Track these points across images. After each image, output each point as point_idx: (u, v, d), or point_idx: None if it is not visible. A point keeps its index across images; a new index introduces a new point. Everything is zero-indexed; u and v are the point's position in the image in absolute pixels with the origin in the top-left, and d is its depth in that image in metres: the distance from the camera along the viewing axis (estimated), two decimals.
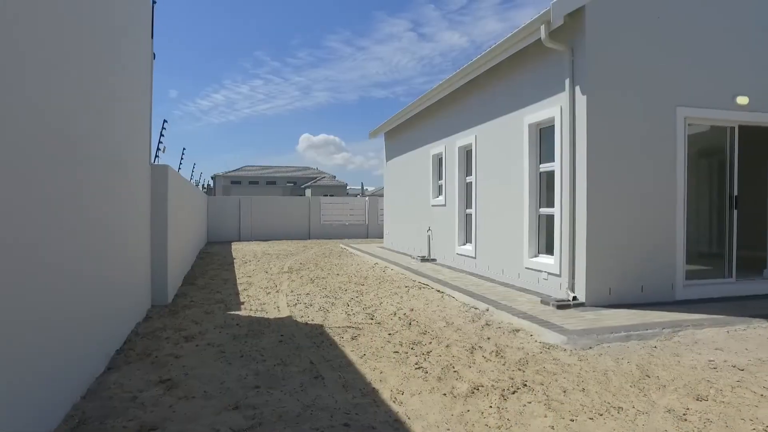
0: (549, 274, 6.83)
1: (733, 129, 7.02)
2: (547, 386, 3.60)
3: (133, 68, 5.62)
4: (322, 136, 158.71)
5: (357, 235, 21.90)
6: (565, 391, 3.51)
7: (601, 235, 6.16)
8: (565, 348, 4.52)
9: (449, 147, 10.54)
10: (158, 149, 13.64)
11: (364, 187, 49.48)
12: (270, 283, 8.74)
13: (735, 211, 7.04)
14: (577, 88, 6.28)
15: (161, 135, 13.71)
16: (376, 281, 8.84)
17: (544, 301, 6.22)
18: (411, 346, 4.72)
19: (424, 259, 11.25)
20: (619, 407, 3.25)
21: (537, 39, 6.39)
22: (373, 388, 3.62)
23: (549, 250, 7.07)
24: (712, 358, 4.25)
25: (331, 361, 4.26)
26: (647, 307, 6.10)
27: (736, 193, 7.03)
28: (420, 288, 8.05)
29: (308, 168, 65.68)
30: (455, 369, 4.01)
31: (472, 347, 4.62)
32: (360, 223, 22.18)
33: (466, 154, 9.94)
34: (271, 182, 60.29)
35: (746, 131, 7.18)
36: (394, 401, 3.39)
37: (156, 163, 8.12)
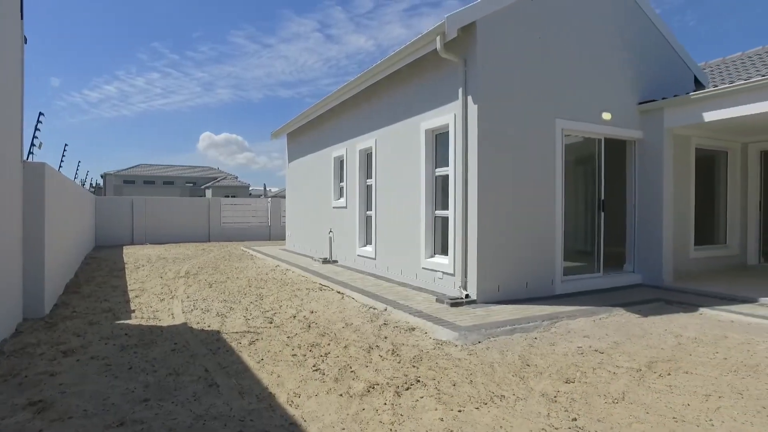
0: (444, 273, 7.20)
1: (600, 140, 7.90)
2: (439, 381, 3.82)
3: None
4: (224, 135, 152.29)
5: (259, 237, 21.38)
6: (455, 384, 3.74)
7: (491, 236, 6.61)
8: (457, 344, 4.81)
9: (350, 150, 10.68)
10: (33, 144, 12.32)
11: (267, 188, 48.36)
12: (164, 289, 8.27)
13: (602, 213, 7.92)
14: (470, 98, 6.68)
15: (36, 129, 12.41)
16: (277, 284, 8.72)
17: (439, 300, 6.54)
18: (309, 348, 4.75)
19: (325, 261, 11.29)
20: (501, 395, 3.54)
21: (433, 49, 6.71)
22: (270, 393, 3.60)
23: (444, 251, 7.45)
24: (580, 345, 4.76)
25: (227, 367, 4.17)
26: (531, 301, 6.66)
27: (603, 197, 7.91)
28: (321, 290, 8.08)
29: (209, 168, 62.70)
30: (352, 369, 4.11)
31: (370, 347, 4.76)
32: (262, 224, 21.67)
33: (367, 157, 10.14)
34: (169, 182, 56.70)
35: (611, 143, 8.12)
36: (290, 404, 3.40)
37: (30, 160, 7.35)
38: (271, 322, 5.82)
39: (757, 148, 9.88)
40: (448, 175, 7.22)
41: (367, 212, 10.10)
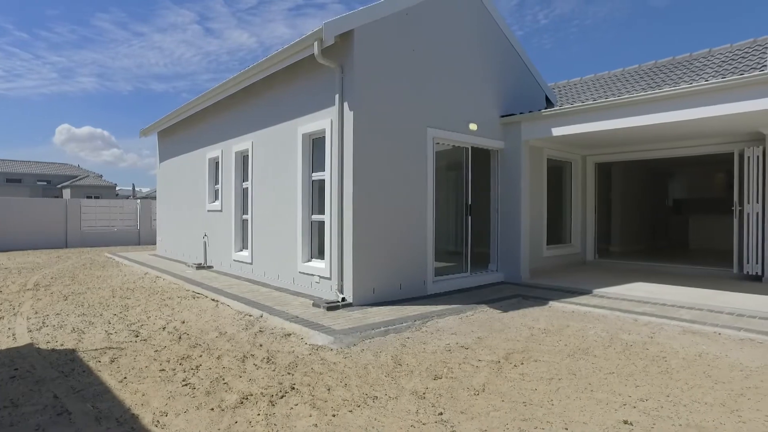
0: (321, 277, 7.27)
1: (468, 149, 8.55)
2: (314, 386, 3.87)
3: None
4: (87, 129, 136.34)
5: (127, 242, 19.60)
6: (329, 389, 3.82)
7: (366, 239, 6.82)
8: (333, 348, 4.90)
9: (226, 151, 10.29)
10: None
11: (137, 189, 44.45)
12: (5, 305, 7.26)
13: (470, 217, 8.57)
14: (346, 104, 6.82)
15: None
16: (146, 293, 8.11)
17: (316, 304, 6.59)
18: (180, 361, 4.51)
19: (200, 267, 10.74)
20: (375, 396, 3.69)
21: (311, 54, 6.73)
22: (133, 414, 3.37)
23: (321, 255, 7.51)
24: (448, 342, 5.12)
25: (82, 390, 3.80)
26: (405, 302, 6.99)
27: (470, 202, 8.56)
28: (194, 298, 7.69)
29: (67, 165, 55.29)
30: (225, 381, 4.00)
31: (244, 356, 4.66)
32: (131, 228, 19.90)
33: (243, 159, 9.85)
34: (15, 180, 48.96)
35: (477, 152, 8.83)
36: (156, 425, 3.22)
37: None
38: (138, 336, 5.42)
39: (593, 161, 11.41)
40: (324, 180, 7.30)
41: (243, 216, 9.81)
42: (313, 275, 7.47)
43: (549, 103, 10.42)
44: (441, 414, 3.37)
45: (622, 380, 3.98)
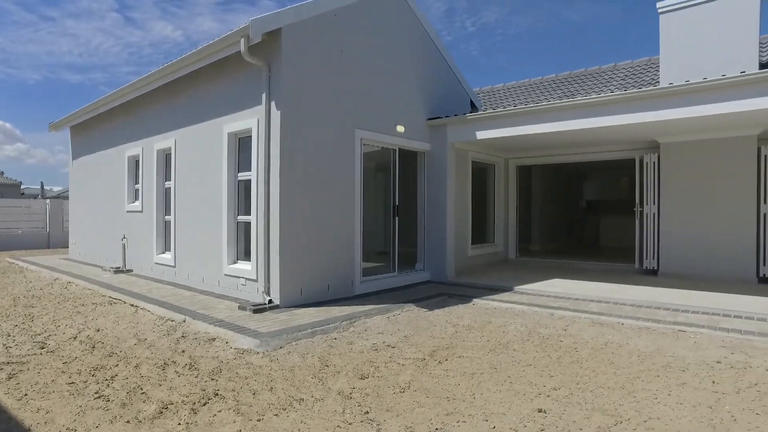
0: (247, 279, 7.10)
1: (395, 151, 8.69)
2: (239, 392, 3.79)
3: None
4: None
5: (35, 245, 17.96)
6: (255, 394, 3.76)
7: (293, 240, 6.75)
8: (259, 351, 4.81)
9: (147, 149, 9.78)
10: None
11: (47, 188, 40.80)
12: None
13: (397, 218, 8.72)
14: (273, 103, 6.72)
15: None
16: (55, 301, 7.53)
17: (242, 307, 6.44)
18: (92, 373, 4.25)
19: (118, 271, 10.12)
20: (301, 399, 3.67)
21: (237, 51, 6.56)
22: None
23: (247, 257, 7.34)
24: (375, 342, 5.19)
25: None
26: (332, 303, 6.99)
27: (397, 202, 8.71)
28: (111, 304, 7.24)
29: None
30: (144, 390, 3.81)
31: (165, 363, 4.46)
32: (39, 231, 18.26)
33: (166, 158, 9.40)
34: None
35: (404, 153, 9.00)
36: None
37: None
38: (43, 348, 5.02)
39: (515, 164, 11.99)
40: (250, 180, 7.14)
41: (166, 217, 9.37)
42: (239, 277, 7.28)
43: (474, 108, 10.82)
44: (367, 413, 3.42)
45: (538, 371, 4.23)
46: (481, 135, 8.79)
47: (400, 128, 8.62)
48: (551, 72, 13.58)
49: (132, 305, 7.10)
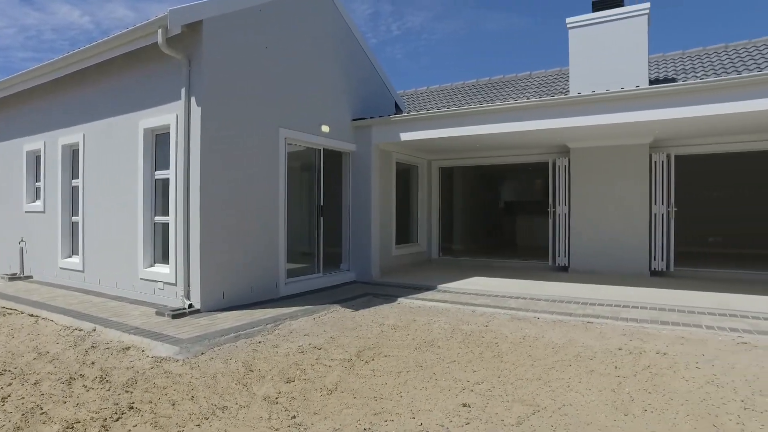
0: (165, 283, 6.74)
1: (320, 151, 8.64)
2: (156, 403, 3.58)
3: None
4: None
5: None
6: (174, 404, 3.57)
7: (215, 241, 6.50)
8: (178, 358, 4.58)
9: (51, 144, 8.96)
10: None
11: None
12: None
13: (322, 218, 8.66)
14: (193, 99, 6.43)
15: None
16: None
17: (160, 312, 6.10)
18: None
19: (14, 278, 9.20)
20: (224, 407, 3.54)
21: (155, 42, 6.21)
22: None
23: (165, 259, 6.97)
24: (301, 344, 5.12)
25: None
26: (256, 306, 6.82)
27: (322, 202, 8.66)
28: (4, 315, 6.57)
29: None
30: (44, 410, 3.49)
31: (71, 377, 4.12)
32: None
33: (73, 153, 8.67)
34: None
35: (329, 153, 8.97)
36: None
37: None
38: None
39: (437, 165, 12.34)
40: (169, 179, 6.79)
41: (73, 218, 8.64)
42: (156, 281, 6.88)
43: (398, 110, 11.00)
44: (294, 417, 3.37)
45: (462, 367, 4.39)
46: (405, 136, 8.95)
47: (325, 128, 8.58)
48: (472, 77, 14.12)
49: (31, 315, 6.48)
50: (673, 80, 9.04)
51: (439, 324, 6.01)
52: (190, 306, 6.26)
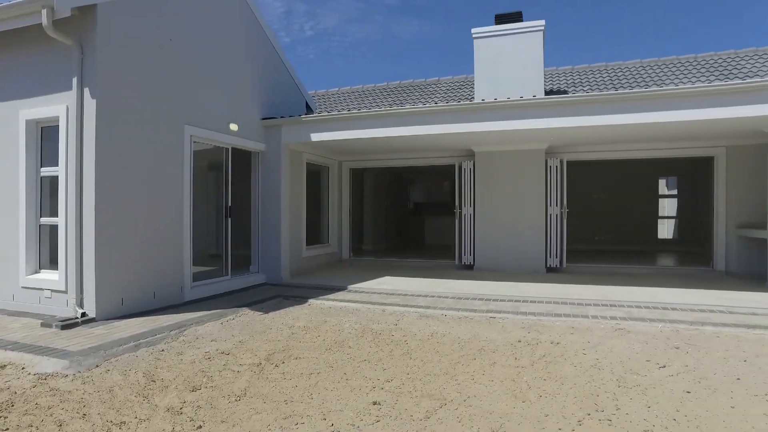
0: (53, 291, 6.15)
1: (228, 150, 8.34)
2: (38, 426, 3.26)
3: None
4: None
5: None
6: (61, 425, 3.28)
7: (112, 245, 6.05)
8: (67, 373, 4.20)
9: None
10: None
11: None
12: None
13: (230, 219, 8.37)
14: (87, 90, 5.93)
15: None
16: None
17: (47, 324, 5.55)
18: None
19: None
20: (122, 422, 3.31)
21: (39, 24, 5.65)
22: None
23: (54, 265, 6.36)
24: (208, 350, 4.93)
25: None
26: (159, 312, 6.44)
27: (230, 203, 8.37)
28: None
29: None
30: None
31: None
32: None
33: None
34: None
35: (238, 153, 8.70)
36: None
37: None
38: None
39: (348, 166, 12.42)
40: (58, 177, 6.20)
41: None
42: (42, 289, 6.25)
43: (309, 110, 10.92)
44: (200, 427, 3.24)
45: (372, 366, 4.46)
46: (316, 137, 8.92)
47: (234, 127, 8.30)
48: (384, 81, 14.38)
49: None
50: (565, 92, 9.85)
51: (349, 324, 6.06)
52: (84, 315, 5.77)
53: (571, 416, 3.37)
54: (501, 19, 9.83)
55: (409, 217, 18.50)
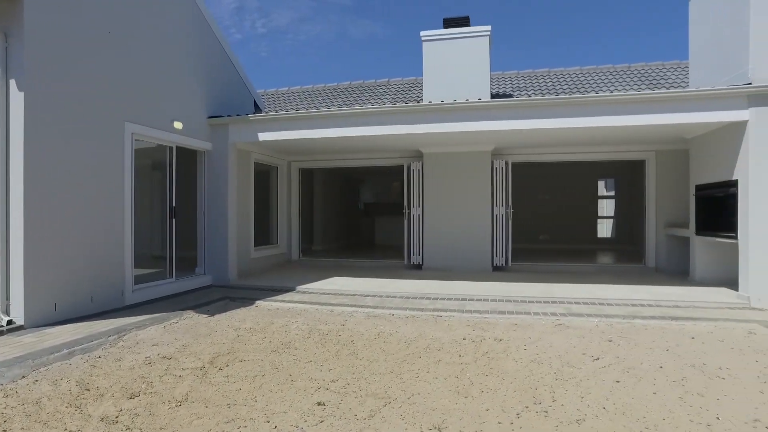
0: None
1: (172, 148, 8.09)
2: None
3: None
4: None
5: None
6: None
7: (44, 247, 5.74)
8: None
9: None
10: None
11: None
12: None
13: (174, 220, 8.12)
14: (13, 83, 5.60)
15: None
16: None
17: None
18: None
19: None
20: None
21: None
22: None
23: None
24: (149, 355, 4.77)
25: None
26: (97, 317, 6.17)
27: (174, 203, 8.12)
28: None
29: None
30: None
31: None
32: None
33: None
34: None
35: (183, 151, 8.45)
36: None
37: None
38: None
39: (298, 166, 12.31)
40: None
41: None
42: None
43: (258, 109, 10.75)
44: None
45: (318, 367, 4.46)
46: (263, 137, 8.79)
47: (178, 125, 8.05)
48: (335, 81, 14.35)
49: None
50: (511, 95, 10.18)
51: (297, 325, 6.02)
52: (10, 323, 5.44)
53: (510, 409, 3.49)
54: (449, 23, 10.04)
55: (359, 217, 18.54)
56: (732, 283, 7.66)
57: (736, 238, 7.09)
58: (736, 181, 7.08)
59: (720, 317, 6.15)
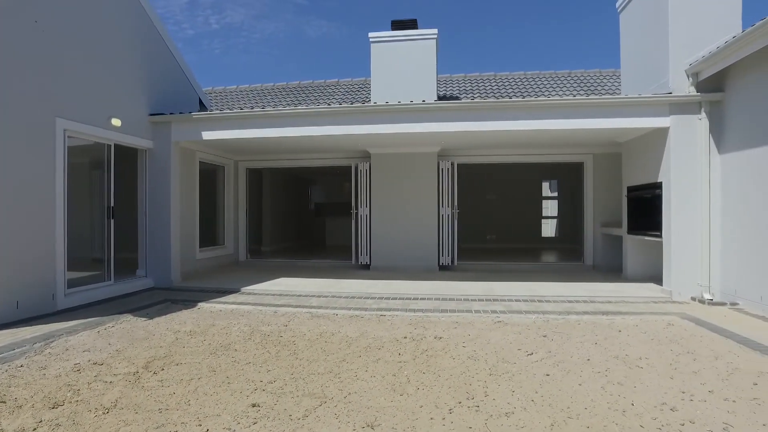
0: None
1: (110, 146, 7.78)
2: None
3: None
4: None
5: None
6: None
7: None
8: None
9: None
10: None
11: None
12: None
13: (112, 220, 7.82)
14: None
15: None
16: None
17: None
18: None
19: None
20: None
21: None
22: None
23: None
24: (78, 361, 4.58)
25: None
26: (24, 323, 5.87)
27: (113, 204, 7.82)
28: None
29: None
30: None
31: None
32: None
33: None
34: None
35: (122, 150, 8.14)
36: None
37: None
38: None
39: (245, 166, 12.11)
40: None
41: None
42: None
43: (203, 107, 10.50)
44: None
45: (257, 368, 4.42)
46: (207, 135, 8.61)
47: (116, 122, 7.76)
48: (291, 79, 14.22)
49: None
50: (458, 98, 10.40)
51: (238, 327, 5.94)
52: None
53: (443, 405, 3.59)
54: (397, 25, 10.15)
55: (309, 217, 18.42)
56: (659, 279, 8.15)
57: (661, 236, 7.55)
58: (661, 183, 7.55)
59: (645, 311, 6.53)
